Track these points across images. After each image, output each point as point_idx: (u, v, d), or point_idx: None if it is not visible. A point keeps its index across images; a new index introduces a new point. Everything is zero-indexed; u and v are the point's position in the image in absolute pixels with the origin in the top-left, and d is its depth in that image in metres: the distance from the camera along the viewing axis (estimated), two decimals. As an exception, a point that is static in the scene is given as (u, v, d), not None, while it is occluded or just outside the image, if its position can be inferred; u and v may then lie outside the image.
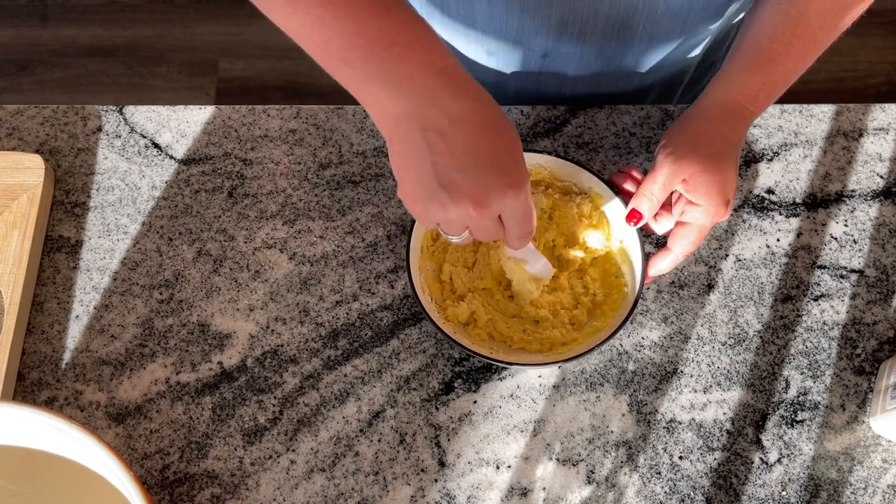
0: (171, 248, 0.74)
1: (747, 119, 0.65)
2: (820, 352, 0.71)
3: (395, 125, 0.51)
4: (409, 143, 0.50)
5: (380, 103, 0.51)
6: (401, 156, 0.52)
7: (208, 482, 0.66)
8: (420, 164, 0.51)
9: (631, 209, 0.66)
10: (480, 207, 0.51)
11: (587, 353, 0.64)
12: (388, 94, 0.50)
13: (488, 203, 0.51)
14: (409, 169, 0.52)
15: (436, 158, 0.50)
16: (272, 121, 0.79)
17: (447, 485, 0.67)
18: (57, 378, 0.69)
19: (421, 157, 0.50)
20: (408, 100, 0.50)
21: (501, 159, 0.51)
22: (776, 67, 0.65)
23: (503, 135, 0.52)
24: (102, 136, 0.78)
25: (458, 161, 0.50)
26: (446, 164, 0.50)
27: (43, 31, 1.83)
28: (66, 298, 0.72)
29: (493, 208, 0.52)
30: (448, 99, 0.50)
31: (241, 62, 1.81)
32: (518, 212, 0.54)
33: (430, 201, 0.52)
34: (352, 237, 0.74)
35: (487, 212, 0.52)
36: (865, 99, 1.85)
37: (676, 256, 0.67)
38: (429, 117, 0.50)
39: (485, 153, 0.51)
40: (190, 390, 0.69)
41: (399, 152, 0.52)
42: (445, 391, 0.69)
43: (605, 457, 0.68)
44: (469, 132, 0.50)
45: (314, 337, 0.71)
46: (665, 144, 0.65)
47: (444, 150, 0.50)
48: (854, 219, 0.76)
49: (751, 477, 0.67)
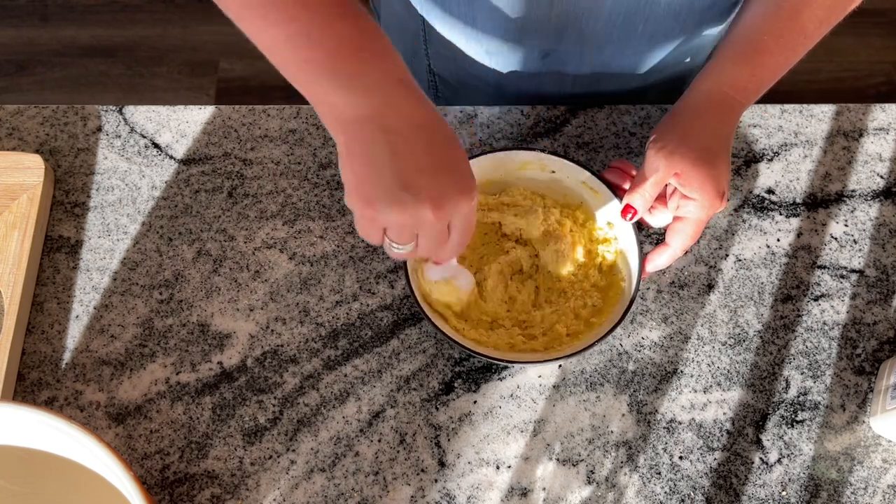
0: (171, 248, 0.74)
1: (737, 111, 0.65)
2: (820, 352, 0.71)
3: (356, 127, 0.51)
4: (369, 144, 0.51)
5: (339, 105, 0.51)
6: (359, 156, 0.51)
7: (208, 482, 0.66)
8: (380, 166, 0.51)
9: (625, 204, 0.66)
10: (438, 210, 0.51)
11: (586, 349, 0.64)
12: (351, 96, 0.50)
13: (445, 206, 0.52)
14: (367, 170, 0.51)
15: (397, 159, 0.50)
16: (272, 121, 0.79)
17: (447, 485, 0.67)
18: (57, 378, 0.69)
19: (382, 158, 0.50)
20: (371, 102, 0.50)
21: (455, 165, 0.53)
22: (765, 59, 0.65)
23: (454, 142, 0.53)
24: (102, 136, 0.78)
25: (420, 163, 0.51)
26: (408, 165, 0.51)
27: (43, 31, 1.83)
28: (66, 298, 0.72)
29: (448, 211, 0.52)
30: (408, 107, 0.51)
31: (241, 62, 1.81)
32: (467, 220, 0.55)
33: (389, 202, 0.51)
34: (352, 237, 0.74)
35: (443, 214, 0.52)
36: (865, 99, 1.85)
37: (675, 252, 0.67)
38: (391, 120, 0.50)
39: (442, 157, 0.52)
40: (190, 390, 0.69)
41: (357, 153, 0.51)
42: (445, 391, 0.69)
43: (605, 457, 0.68)
44: (428, 136, 0.52)
45: (314, 337, 0.71)
46: (655, 139, 0.65)
47: (406, 152, 0.50)
48: (854, 219, 0.76)
49: (751, 477, 0.67)
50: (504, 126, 0.79)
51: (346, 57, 0.50)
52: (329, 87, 0.51)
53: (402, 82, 0.52)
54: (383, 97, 0.51)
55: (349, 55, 0.50)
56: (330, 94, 0.51)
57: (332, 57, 0.50)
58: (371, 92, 0.50)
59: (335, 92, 0.51)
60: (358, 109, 0.50)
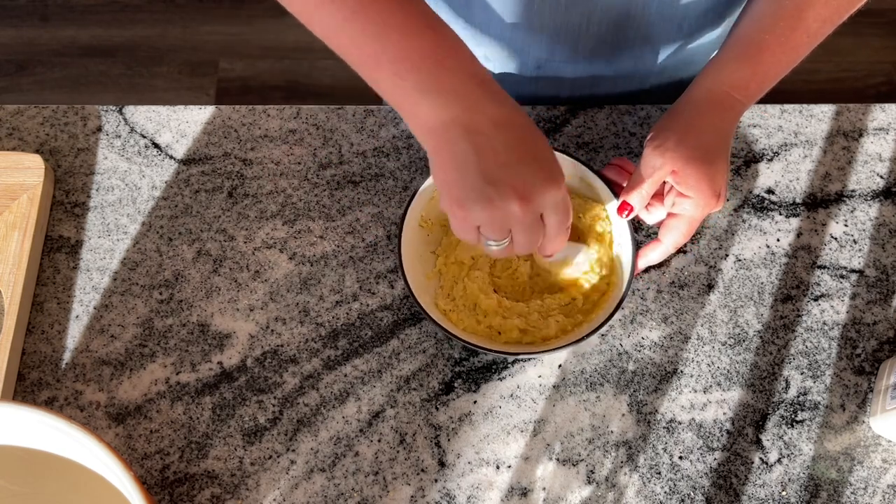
0: (171, 248, 0.74)
1: (737, 110, 0.65)
2: (820, 352, 0.71)
3: (442, 132, 0.53)
4: (455, 147, 0.52)
5: (426, 113, 0.53)
6: (447, 161, 0.53)
7: (208, 482, 0.66)
8: (466, 166, 0.52)
9: (622, 201, 0.66)
10: (525, 202, 0.53)
11: (585, 337, 0.64)
12: (436, 104, 0.52)
13: (532, 197, 0.53)
14: (454, 172, 0.53)
15: (481, 158, 0.52)
16: (272, 121, 0.79)
17: (447, 485, 0.67)
18: (57, 378, 0.69)
19: (467, 158, 0.52)
20: (454, 107, 0.52)
21: (541, 156, 0.54)
22: (767, 58, 0.64)
23: (538, 136, 0.55)
24: (102, 136, 0.78)
25: (502, 159, 0.52)
26: (491, 162, 0.52)
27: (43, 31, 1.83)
28: (66, 298, 0.72)
29: (537, 202, 0.54)
30: (490, 105, 0.53)
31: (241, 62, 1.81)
32: (560, 206, 0.55)
33: (476, 200, 0.53)
34: (352, 237, 0.74)
35: (531, 206, 0.53)
36: (865, 99, 1.85)
37: (667, 248, 0.67)
38: (474, 122, 0.52)
39: (526, 151, 0.53)
40: (190, 390, 0.69)
41: (445, 159, 0.53)
42: (445, 391, 0.69)
43: (605, 457, 0.68)
44: (510, 133, 0.53)
45: (314, 337, 0.71)
46: (654, 136, 0.65)
47: (489, 150, 0.52)
48: (854, 219, 0.76)
49: (751, 477, 0.67)
50: (504, 126, 0.79)
51: (430, 68, 0.52)
52: (415, 99, 0.53)
53: (483, 83, 0.53)
54: (465, 101, 0.52)
55: (432, 66, 0.52)
56: (416, 105, 0.53)
57: (418, 69, 0.52)
58: (454, 97, 0.52)
59: (421, 103, 0.53)
60: (443, 114, 0.52)
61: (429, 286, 0.70)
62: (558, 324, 0.68)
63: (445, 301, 0.69)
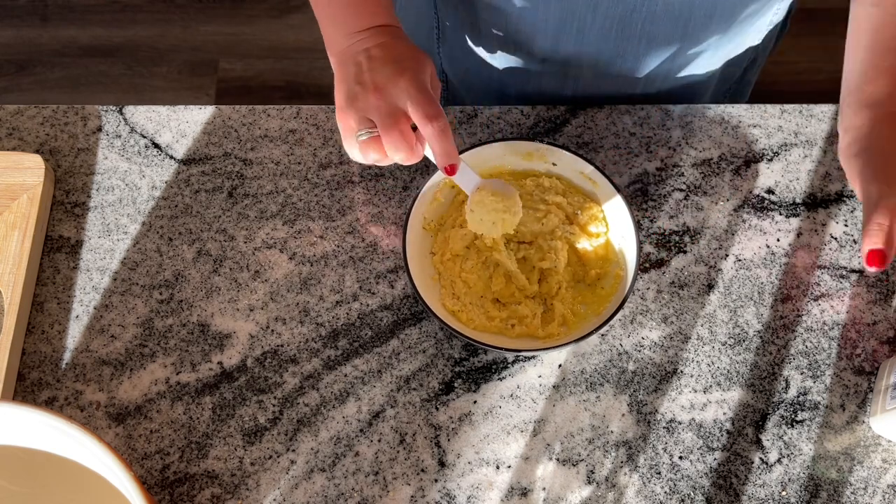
0: (171, 248, 0.74)
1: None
2: (820, 352, 0.71)
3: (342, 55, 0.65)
4: (346, 69, 0.64)
5: (337, 40, 0.66)
6: (340, 78, 0.65)
7: (208, 482, 0.66)
8: (347, 79, 0.64)
9: (869, 250, 0.62)
10: (379, 92, 0.62)
11: (585, 337, 0.65)
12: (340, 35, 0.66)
13: (385, 87, 0.62)
14: (341, 84, 0.64)
15: (358, 71, 0.63)
16: (272, 121, 0.79)
17: (447, 485, 0.67)
18: (57, 378, 0.69)
19: (348, 73, 0.64)
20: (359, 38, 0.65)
21: (403, 60, 0.63)
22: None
23: (415, 52, 0.64)
24: (102, 136, 0.78)
25: (372, 67, 0.63)
26: (365, 73, 0.63)
27: (43, 31, 1.83)
28: (66, 298, 0.72)
29: (389, 92, 0.62)
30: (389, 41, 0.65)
31: (241, 62, 1.81)
32: (412, 92, 0.61)
33: (346, 99, 0.63)
34: (352, 237, 0.74)
35: (384, 95, 0.62)
36: (865, 99, 1.85)
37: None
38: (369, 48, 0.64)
39: (390, 59, 0.63)
40: (190, 390, 0.69)
41: (339, 75, 0.65)
42: (445, 391, 0.69)
43: (605, 457, 0.68)
44: (386, 51, 0.64)
45: (314, 337, 0.71)
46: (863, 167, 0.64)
47: (365, 66, 0.63)
48: (854, 219, 0.76)
49: (751, 477, 0.67)
50: (504, 126, 0.79)
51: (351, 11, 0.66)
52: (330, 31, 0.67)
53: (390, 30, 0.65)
54: (370, 35, 0.64)
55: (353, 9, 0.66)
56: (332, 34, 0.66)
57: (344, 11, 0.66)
58: (363, 33, 0.65)
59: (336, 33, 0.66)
60: (348, 44, 0.65)
61: (435, 287, 0.70)
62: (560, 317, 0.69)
63: (452, 301, 0.70)
